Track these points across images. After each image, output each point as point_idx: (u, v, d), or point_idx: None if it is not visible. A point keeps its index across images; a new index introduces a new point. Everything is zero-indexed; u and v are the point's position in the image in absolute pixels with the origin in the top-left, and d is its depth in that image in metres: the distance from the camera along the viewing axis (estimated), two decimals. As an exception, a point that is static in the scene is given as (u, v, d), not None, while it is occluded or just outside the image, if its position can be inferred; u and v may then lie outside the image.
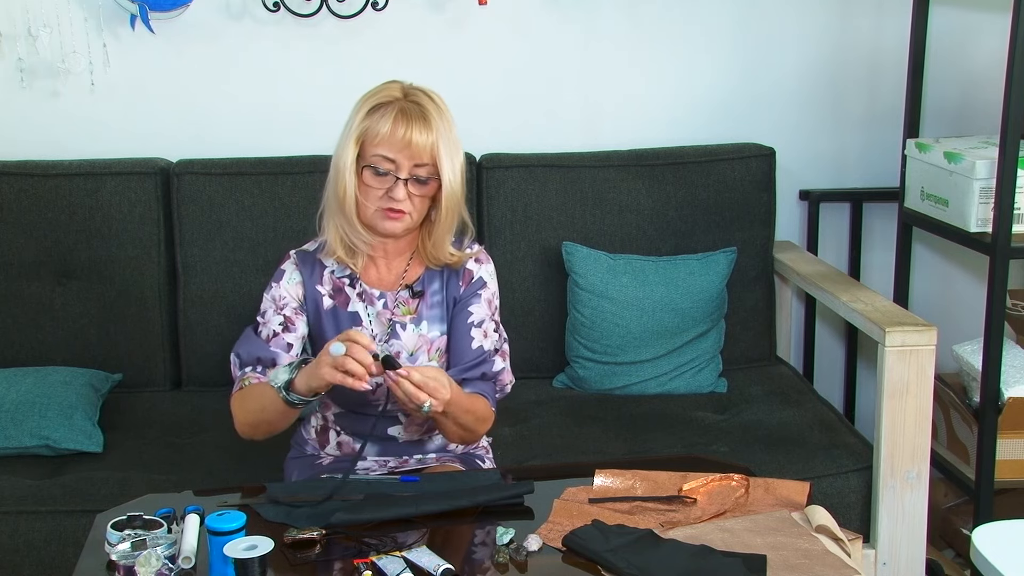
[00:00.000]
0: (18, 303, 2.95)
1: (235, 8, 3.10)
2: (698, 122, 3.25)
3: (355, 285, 2.21)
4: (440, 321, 2.22)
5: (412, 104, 2.11)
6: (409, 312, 2.21)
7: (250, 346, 2.19)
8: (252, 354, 2.18)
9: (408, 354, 2.19)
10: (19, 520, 2.44)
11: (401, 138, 2.07)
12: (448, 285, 2.22)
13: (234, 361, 2.20)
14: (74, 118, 3.10)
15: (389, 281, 2.23)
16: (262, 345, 2.18)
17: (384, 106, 2.11)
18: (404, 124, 2.08)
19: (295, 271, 2.22)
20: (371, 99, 2.13)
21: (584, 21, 3.19)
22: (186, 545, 1.77)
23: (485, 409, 2.17)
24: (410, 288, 2.21)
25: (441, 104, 2.14)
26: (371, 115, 2.11)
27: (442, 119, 2.12)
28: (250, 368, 2.17)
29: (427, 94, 2.14)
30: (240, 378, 2.18)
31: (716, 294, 2.99)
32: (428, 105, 2.11)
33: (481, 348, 2.21)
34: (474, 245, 2.28)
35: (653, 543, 1.79)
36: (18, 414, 2.65)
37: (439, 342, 2.21)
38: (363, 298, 2.21)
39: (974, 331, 3.03)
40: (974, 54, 3.28)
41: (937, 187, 2.87)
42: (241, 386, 2.17)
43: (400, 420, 2.23)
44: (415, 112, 2.09)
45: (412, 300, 2.21)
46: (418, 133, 2.08)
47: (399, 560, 1.73)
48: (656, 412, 2.83)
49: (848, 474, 2.61)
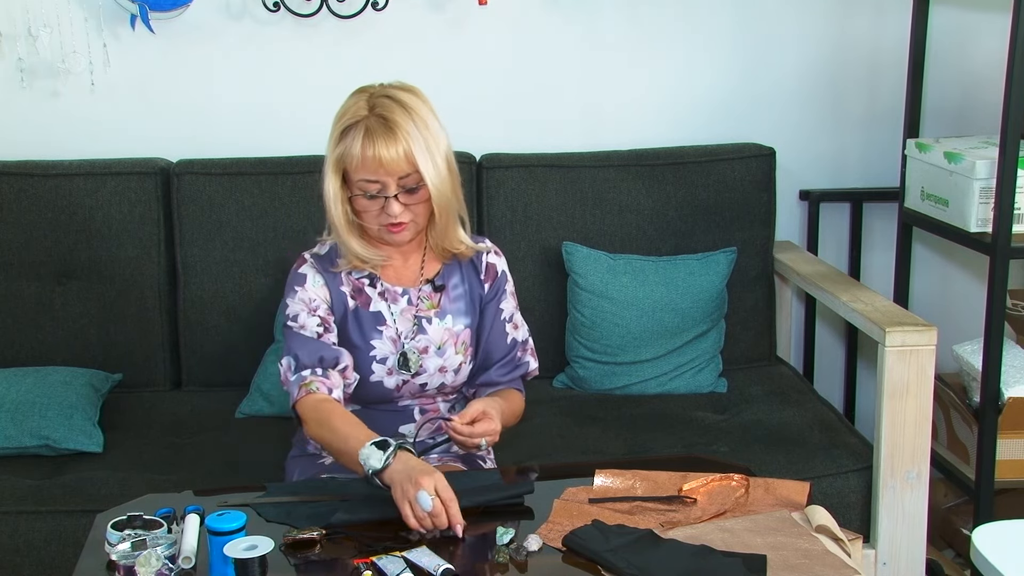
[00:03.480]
0: (18, 303, 2.95)
1: (235, 8, 3.10)
2: (698, 122, 3.25)
3: (376, 284, 2.21)
4: (464, 314, 2.24)
5: (377, 119, 2.06)
6: (433, 306, 2.22)
7: (308, 346, 2.13)
8: (313, 356, 2.12)
9: (436, 347, 2.21)
10: (19, 520, 2.44)
11: (373, 159, 2.05)
12: (468, 278, 2.25)
13: (289, 364, 2.14)
14: (74, 118, 3.10)
15: (409, 277, 2.23)
16: (322, 345, 2.13)
17: (352, 127, 2.08)
18: (372, 145, 2.05)
19: (316, 274, 2.20)
20: (340, 121, 2.11)
21: (584, 21, 3.19)
22: (186, 545, 1.77)
23: (520, 402, 2.30)
24: (431, 282, 2.23)
25: (410, 101, 2.10)
26: (343, 139, 2.09)
27: (413, 119, 2.07)
28: (309, 371, 2.11)
29: (393, 98, 2.09)
30: (301, 383, 2.11)
31: (716, 294, 2.99)
32: (394, 113, 2.06)
33: (514, 340, 2.29)
34: (484, 240, 2.30)
35: (653, 543, 1.79)
36: (18, 414, 2.65)
37: (464, 335, 2.23)
38: (385, 296, 2.21)
39: (974, 331, 3.03)
40: (974, 54, 3.28)
41: (937, 187, 2.87)
42: (309, 391, 2.09)
43: (414, 418, 2.25)
44: (380, 128, 2.05)
45: (435, 294, 2.22)
46: (388, 149, 2.04)
47: (399, 560, 1.73)
48: (656, 412, 2.83)
49: (848, 474, 2.61)
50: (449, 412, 2.29)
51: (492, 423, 2.08)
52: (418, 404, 2.25)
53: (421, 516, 1.82)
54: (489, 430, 2.07)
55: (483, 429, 2.06)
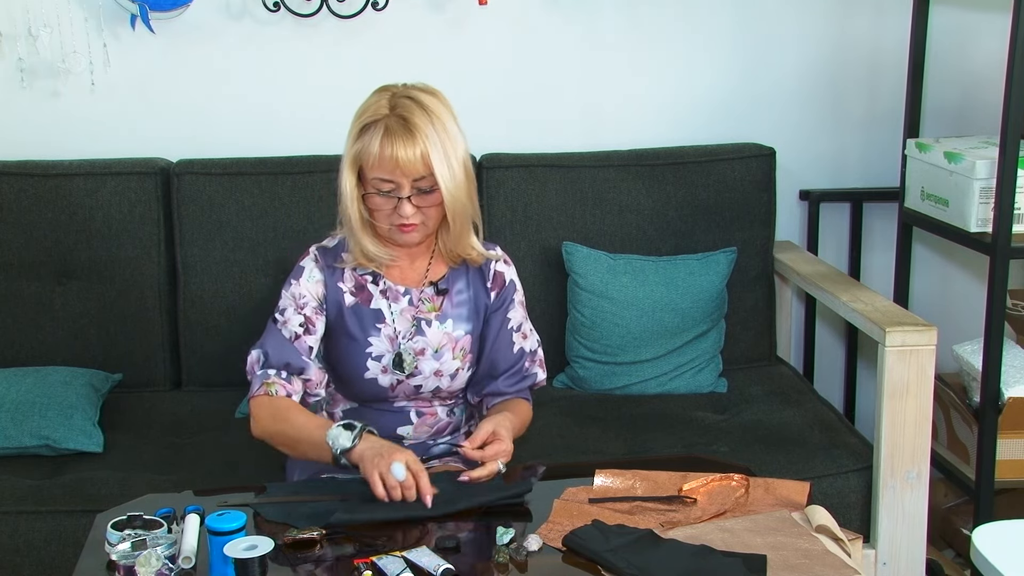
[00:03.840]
0: (18, 303, 2.95)
1: (235, 8, 3.10)
2: (698, 122, 3.25)
3: (378, 282, 2.21)
4: (466, 320, 2.23)
5: (397, 119, 2.06)
6: (434, 309, 2.21)
7: (281, 348, 2.16)
8: (282, 358, 2.15)
9: (433, 351, 2.20)
10: (19, 520, 2.44)
11: (390, 159, 2.05)
12: (474, 285, 2.24)
13: (258, 357, 2.17)
14: (74, 118, 3.10)
15: (413, 278, 2.23)
16: (293, 351, 2.15)
17: (372, 126, 2.07)
18: (390, 144, 2.04)
19: (315, 269, 2.21)
20: (360, 118, 2.10)
21: (584, 21, 3.19)
22: (186, 545, 1.77)
23: (528, 411, 2.29)
24: (435, 285, 2.22)
25: (431, 104, 2.09)
26: (362, 136, 2.09)
27: (432, 123, 2.07)
28: (274, 372, 2.14)
29: (415, 99, 2.09)
30: (264, 381, 2.14)
31: (716, 294, 2.99)
32: (415, 115, 2.06)
33: (522, 350, 2.27)
34: (495, 247, 2.28)
35: (653, 543, 1.79)
36: (18, 414, 2.65)
37: (464, 341, 2.22)
38: (387, 295, 2.21)
39: (974, 331, 3.03)
40: (974, 54, 3.28)
41: (937, 187, 2.87)
42: (267, 391, 2.13)
43: (411, 420, 2.24)
44: (399, 129, 2.05)
45: (437, 297, 2.22)
46: (406, 150, 2.04)
47: (399, 560, 1.73)
48: (656, 412, 2.83)
49: (848, 474, 2.61)
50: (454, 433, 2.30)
51: (503, 443, 2.06)
52: (415, 407, 2.24)
53: (392, 486, 1.90)
54: (501, 451, 2.06)
55: (495, 451, 2.05)
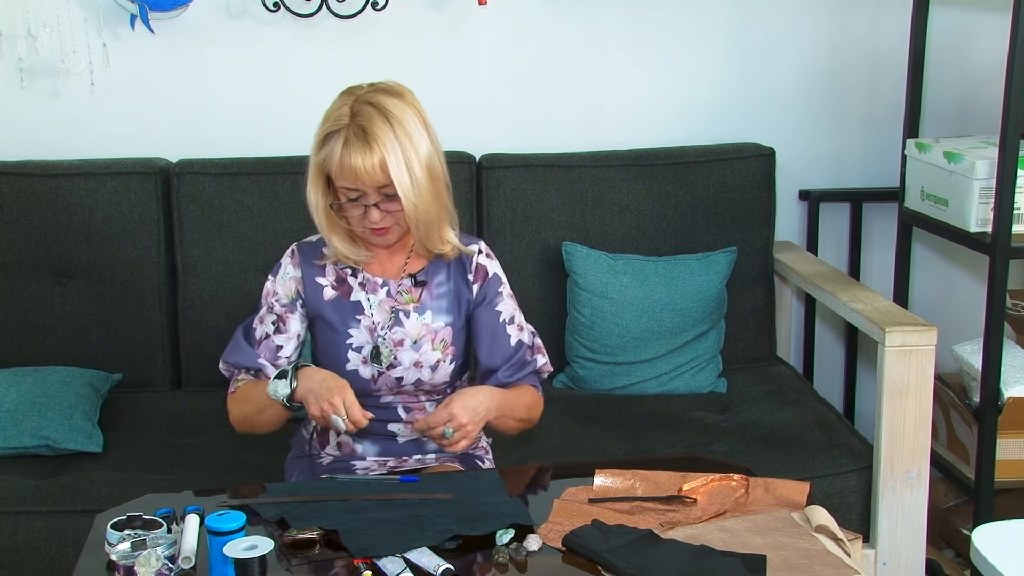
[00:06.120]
0: (18, 303, 2.95)
1: (235, 8, 3.10)
2: (698, 122, 3.26)
3: (357, 275, 2.23)
4: (446, 312, 2.23)
5: (356, 129, 2.05)
6: (412, 300, 2.22)
7: (238, 355, 2.24)
8: (240, 364, 2.24)
9: (412, 341, 2.20)
10: (19, 520, 2.44)
11: (350, 169, 2.05)
12: (455, 278, 2.24)
13: (224, 368, 2.27)
14: (74, 118, 3.10)
15: (392, 270, 2.24)
16: (250, 355, 2.23)
17: (334, 135, 2.07)
18: (349, 155, 2.04)
19: (291, 266, 2.24)
20: (324, 126, 2.10)
21: (584, 21, 3.19)
22: (186, 545, 1.77)
23: (534, 395, 2.29)
24: (413, 277, 2.23)
25: (394, 108, 2.07)
26: (325, 146, 2.09)
27: (393, 129, 2.05)
28: (243, 373, 2.24)
29: (376, 105, 2.07)
30: (235, 381, 2.25)
31: (716, 294, 2.99)
32: (374, 124, 2.04)
33: (520, 342, 2.28)
34: (477, 241, 2.28)
35: (653, 543, 1.79)
36: (18, 414, 2.65)
37: (444, 333, 2.22)
38: (365, 287, 2.22)
39: (974, 331, 3.03)
40: (974, 54, 3.28)
41: (937, 187, 2.87)
42: (236, 387, 2.23)
43: (401, 416, 2.24)
44: (357, 138, 2.04)
45: (415, 289, 2.23)
46: (364, 160, 2.04)
47: (399, 560, 1.73)
48: (656, 412, 2.83)
49: (848, 474, 2.62)
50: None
51: (445, 409, 2.06)
52: (401, 402, 2.24)
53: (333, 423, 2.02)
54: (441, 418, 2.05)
55: (436, 419, 2.06)
